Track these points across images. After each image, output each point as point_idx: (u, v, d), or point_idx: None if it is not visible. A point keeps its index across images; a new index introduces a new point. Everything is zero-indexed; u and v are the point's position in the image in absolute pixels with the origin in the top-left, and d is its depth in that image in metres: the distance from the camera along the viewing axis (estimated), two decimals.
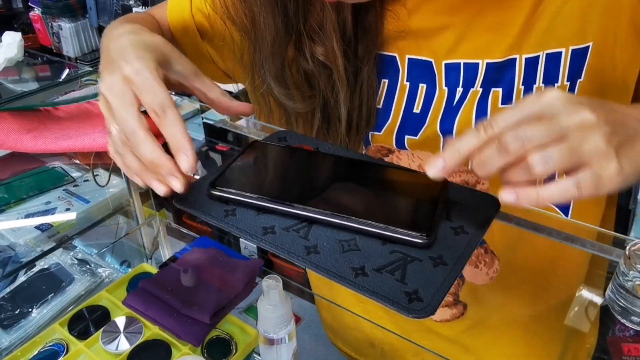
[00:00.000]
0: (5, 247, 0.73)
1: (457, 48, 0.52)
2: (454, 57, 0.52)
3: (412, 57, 0.54)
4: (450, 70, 0.53)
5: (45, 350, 0.58)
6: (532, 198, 0.34)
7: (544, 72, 0.50)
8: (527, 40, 0.49)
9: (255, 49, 0.55)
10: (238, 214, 0.42)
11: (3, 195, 0.79)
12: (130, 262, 0.82)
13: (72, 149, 0.51)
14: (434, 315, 0.66)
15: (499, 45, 0.50)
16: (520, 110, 0.35)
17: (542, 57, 0.49)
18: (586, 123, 0.33)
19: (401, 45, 0.54)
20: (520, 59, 0.50)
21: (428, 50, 0.53)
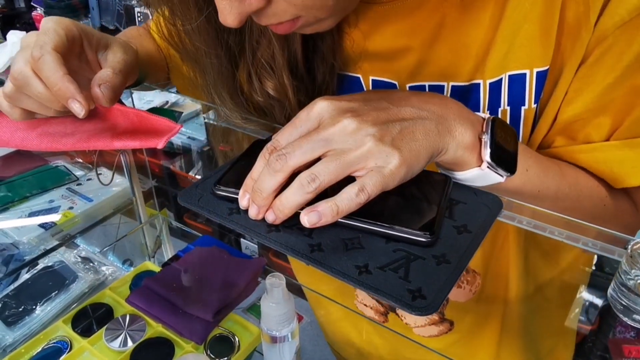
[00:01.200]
0: (8, 244, 0.73)
1: (420, 70, 0.51)
2: (418, 80, 0.51)
3: (376, 78, 0.53)
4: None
5: (49, 347, 0.58)
6: (333, 210, 0.36)
7: (508, 94, 0.48)
8: (489, 62, 0.47)
9: (204, 79, 0.55)
10: (242, 212, 0.43)
11: (7, 194, 0.79)
12: (133, 261, 0.83)
13: (78, 147, 0.51)
14: (423, 332, 0.67)
15: (462, 68, 0.49)
16: (294, 127, 0.38)
17: (504, 80, 0.48)
18: (348, 129, 0.36)
19: (364, 66, 0.53)
20: (484, 84, 0.48)
21: (391, 72, 0.52)
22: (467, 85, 0.49)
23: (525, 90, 0.48)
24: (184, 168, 2.14)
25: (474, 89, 0.49)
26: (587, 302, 1.47)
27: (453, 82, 0.50)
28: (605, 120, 0.47)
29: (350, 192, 0.36)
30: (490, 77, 0.48)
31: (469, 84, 0.49)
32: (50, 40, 0.42)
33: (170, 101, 1.52)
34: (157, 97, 1.44)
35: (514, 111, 0.49)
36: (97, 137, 0.52)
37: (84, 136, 0.52)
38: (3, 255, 0.73)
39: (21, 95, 0.43)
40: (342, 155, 0.36)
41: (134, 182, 0.79)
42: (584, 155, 0.48)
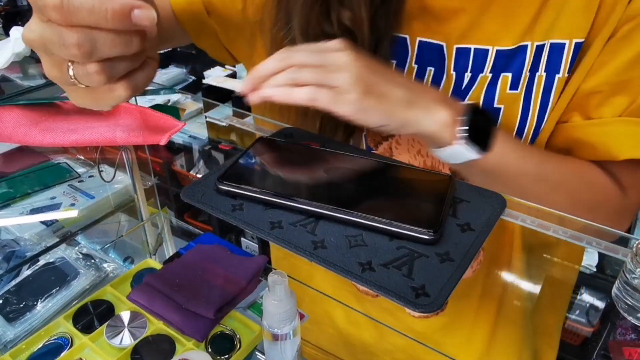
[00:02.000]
0: (10, 241, 0.73)
1: (468, 33, 0.52)
2: (465, 42, 0.53)
3: (424, 39, 0.54)
4: (461, 55, 0.53)
5: (50, 343, 0.58)
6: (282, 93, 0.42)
7: (547, 61, 0.50)
8: (537, 27, 0.50)
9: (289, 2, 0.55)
10: (245, 208, 0.43)
11: (8, 190, 0.79)
12: (134, 259, 0.83)
13: (80, 142, 0.51)
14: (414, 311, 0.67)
15: (509, 33, 0.51)
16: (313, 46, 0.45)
17: (546, 46, 0.50)
18: (342, 65, 0.42)
19: (414, 27, 0.54)
20: (531, 46, 0.51)
21: (440, 33, 0.53)
22: (513, 48, 0.51)
23: (562, 59, 0.50)
24: (185, 166, 2.14)
25: (521, 50, 0.51)
26: (588, 304, 1.47)
27: (498, 47, 0.52)
28: (621, 100, 0.49)
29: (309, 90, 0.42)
30: (538, 41, 0.50)
31: (515, 47, 0.51)
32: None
33: (172, 100, 1.53)
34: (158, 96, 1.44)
35: (549, 78, 0.51)
36: (100, 133, 0.52)
37: (86, 132, 0.52)
38: (4, 252, 0.73)
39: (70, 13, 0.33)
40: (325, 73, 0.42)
41: (135, 180, 0.79)
42: (592, 129, 0.50)
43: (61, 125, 0.53)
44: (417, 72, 0.55)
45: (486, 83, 0.53)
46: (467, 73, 0.53)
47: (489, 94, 0.53)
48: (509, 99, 0.52)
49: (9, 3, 2.67)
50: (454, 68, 0.54)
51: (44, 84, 0.65)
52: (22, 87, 0.64)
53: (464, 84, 0.54)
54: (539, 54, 0.51)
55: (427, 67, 0.55)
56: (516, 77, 0.52)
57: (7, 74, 0.74)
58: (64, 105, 0.56)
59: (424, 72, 0.55)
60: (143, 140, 0.51)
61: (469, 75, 0.53)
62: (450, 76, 0.54)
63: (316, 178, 0.46)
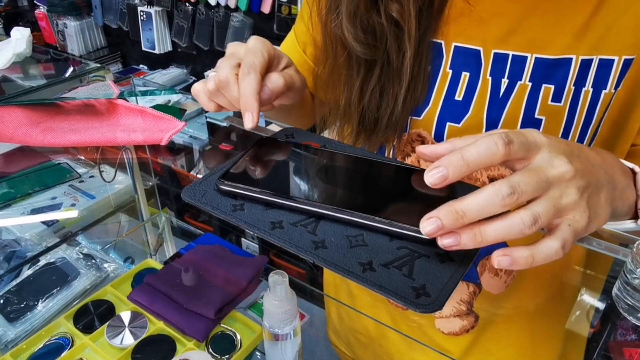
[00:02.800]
0: (11, 241, 0.73)
1: (508, 38, 0.51)
2: (503, 48, 0.52)
3: (459, 44, 0.54)
4: (498, 61, 0.52)
5: (51, 343, 0.58)
6: (528, 261, 0.34)
7: (595, 76, 0.50)
8: (584, 41, 0.49)
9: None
10: (246, 208, 0.43)
11: (9, 190, 0.79)
12: (134, 259, 0.83)
13: (81, 143, 0.51)
14: (442, 326, 0.66)
15: (552, 42, 0.50)
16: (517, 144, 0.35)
17: (595, 61, 0.49)
18: (565, 176, 0.34)
19: (450, 31, 0.54)
20: (576, 59, 0.50)
21: (478, 38, 0.53)
22: (556, 58, 0.50)
23: (610, 76, 0.49)
24: (185, 167, 2.14)
25: (564, 63, 0.50)
26: (588, 305, 1.47)
27: (538, 54, 0.50)
28: None
29: (551, 245, 0.34)
30: (584, 55, 0.49)
31: (558, 58, 0.50)
32: (258, 62, 0.47)
33: (172, 100, 1.53)
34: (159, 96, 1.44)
35: (595, 93, 0.50)
36: (101, 133, 0.52)
37: (87, 132, 0.52)
38: (5, 252, 0.73)
39: (219, 94, 0.49)
40: (557, 201, 0.35)
41: (136, 180, 0.79)
42: None
43: (62, 125, 0.53)
44: (452, 77, 0.55)
45: (526, 92, 0.52)
46: (504, 79, 0.52)
47: (530, 104, 0.52)
48: (551, 111, 0.51)
49: (10, 4, 2.67)
50: (490, 73, 0.53)
51: (45, 84, 0.65)
52: (23, 87, 0.64)
53: (501, 91, 0.53)
54: (586, 68, 0.50)
55: (462, 72, 0.54)
56: (559, 89, 0.51)
57: (8, 74, 0.74)
58: (65, 106, 0.56)
59: (458, 77, 0.54)
60: (144, 140, 0.51)
61: (506, 82, 0.52)
62: (486, 81, 0.53)
63: (317, 178, 0.46)
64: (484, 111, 0.53)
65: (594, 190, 0.36)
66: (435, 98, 0.55)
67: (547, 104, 0.51)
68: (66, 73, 0.77)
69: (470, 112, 0.54)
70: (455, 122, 0.55)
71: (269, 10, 1.88)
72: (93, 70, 0.71)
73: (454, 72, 0.54)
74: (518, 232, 0.33)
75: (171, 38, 2.25)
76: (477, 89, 0.54)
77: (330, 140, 0.53)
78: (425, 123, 0.56)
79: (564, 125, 0.51)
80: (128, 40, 2.42)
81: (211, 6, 2.02)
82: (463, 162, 0.33)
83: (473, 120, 0.54)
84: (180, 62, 2.36)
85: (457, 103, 0.54)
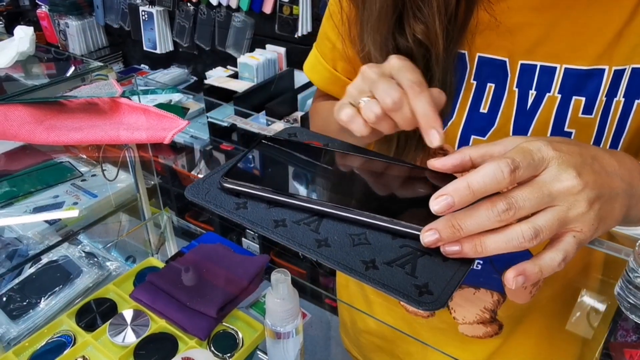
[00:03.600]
0: (13, 239, 0.74)
1: (535, 49, 0.50)
2: (530, 59, 0.51)
3: (484, 55, 0.52)
4: (525, 72, 0.51)
5: (53, 341, 0.58)
6: (537, 275, 0.34)
7: (627, 86, 0.49)
8: (618, 50, 0.48)
9: (363, 17, 0.53)
10: (249, 206, 0.43)
11: (11, 189, 0.79)
12: (135, 258, 0.83)
13: (84, 141, 0.52)
14: (465, 330, 0.66)
15: (583, 52, 0.49)
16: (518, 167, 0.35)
17: (627, 71, 0.48)
18: (573, 190, 0.34)
19: (475, 42, 0.52)
20: (609, 70, 0.48)
21: (504, 49, 0.51)
22: (587, 69, 0.49)
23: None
24: (186, 167, 2.14)
25: (596, 74, 0.49)
26: (588, 306, 1.47)
27: (568, 65, 0.49)
28: None
29: (553, 258, 0.34)
30: (617, 65, 0.48)
31: (590, 68, 0.49)
32: (422, 78, 0.44)
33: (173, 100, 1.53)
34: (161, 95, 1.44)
35: (627, 103, 0.49)
36: (104, 131, 0.52)
37: (91, 130, 0.53)
38: (7, 250, 0.74)
39: (386, 117, 0.44)
40: (562, 214, 0.35)
41: (138, 179, 0.79)
42: None
43: (66, 123, 0.53)
44: (476, 89, 0.53)
45: (555, 104, 0.51)
46: (531, 91, 0.51)
47: (559, 116, 0.51)
48: (581, 124, 0.50)
49: (11, 3, 2.67)
50: (516, 85, 0.52)
51: (48, 83, 0.65)
52: (27, 85, 0.65)
53: (528, 104, 0.52)
54: (618, 78, 0.48)
55: (487, 84, 0.53)
56: (590, 101, 0.50)
57: (11, 73, 0.74)
58: (69, 104, 0.56)
59: (483, 88, 0.53)
60: (147, 138, 0.51)
61: (533, 94, 0.51)
62: (512, 93, 0.52)
63: (320, 177, 0.47)
64: (510, 124, 0.52)
65: (607, 200, 0.36)
66: (459, 110, 0.54)
67: (578, 117, 0.50)
68: (69, 72, 0.77)
69: (496, 125, 0.53)
70: (480, 135, 0.54)
71: (271, 11, 1.89)
72: (96, 69, 0.72)
73: (479, 84, 0.53)
74: (517, 245, 0.34)
75: (172, 38, 2.26)
76: (503, 101, 0.52)
77: (332, 140, 0.53)
78: (448, 136, 0.55)
79: (595, 137, 0.50)
80: (129, 40, 2.43)
81: (213, 6, 2.03)
82: (469, 191, 0.34)
83: (499, 134, 0.53)
84: (182, 62, 2.37)
85: (482, 116, 0.53)
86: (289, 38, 1.92)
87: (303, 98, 1.88)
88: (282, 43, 1.98)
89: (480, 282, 0.63)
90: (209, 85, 1.99)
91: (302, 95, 1.89)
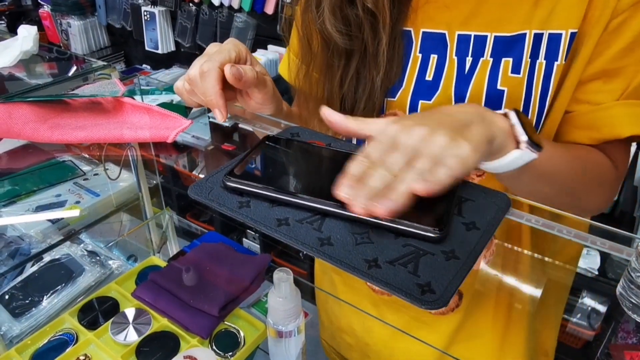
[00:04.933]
0: (15, 237, 0.74)
1: (469, 21, 0.57)
2: (465, 29, 0.57)
3: (427, 30, 0.59)
4: (462, 42, 0.57)
5: (55, 339, 0.59)
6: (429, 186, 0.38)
7: (546, 49, 0.54)
8: (536, 16, 0.54)
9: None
10: (252, 205, 0.43)
11: (14, 187, 0.80)
12: (137, 257, 0.83)
13: (88, 139, 0.52)
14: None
15: (507, 21, 0.55)
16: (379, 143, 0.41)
17: (545, 35, 0.54)
18: (425, 136, 0.39)
19: (417, 19, 0.59)
20: (529, 34, 0.54)
21: (442, 22, 0.58)
22: (512, 35, 0.55)
23: (560, 48, 0.54)
24: (187, 167, 2.15)
25: (520, 39, 0.55)
26: (589, 308, 1.47)
27: (496, 33, 0.56)
28: (617, 85, 0.54)
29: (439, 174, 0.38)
30: (536, 29, 0.54)
31: (515, 34, 0.55)
32: (220, 58, 0.52)
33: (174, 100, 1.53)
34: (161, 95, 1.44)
35: (549, 65, 0.55)
36: (108, 130, 0.52)
37: (94, 129, 0.53)
38: (9, 249, 0.74)
39: (192, 92, 0.53)
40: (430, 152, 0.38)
41: (140, 178, 0.80)
42: (597, 114, 0.55)
43: (69, 122, 0.54)
44: (422, 61, 0.60)
45: (488, 66, 0.57)
46: (468, 57, 0.57)
47: (492, 77, 0.56)
48: (512, 82, 0.56)
49: (14, 3, 2.68)
50: (455, 53, 0.58)
51: (52, 82, 0.66)
52: (30, 84, 0.65)
53: (466, 69, 0.58)
54: (538, 42, 0.54)
55: (430, 55, 0.59)
56: (517, 62, 0.55)
57: (15, 72, 0.74)
58: (72, 103, 0.56)
59: (427, 59, 0.59)
60: (150, 137, 0.52)
61: (470, 60, 0.57)
62: (453, 61, 0.58)
63: (322, 176, 0.47)
64: (451, 88, 0.58)
65: (462, 127, 0.40)
66: (408, 80, 0.61)
67: (508, 76, 0.56)
68: (72, 71, 0.77)
69: (439, 89, 0.59)
70: (426, 99, 0.60)
71: (273, 11, 1.89)
72: (99, 68, 0.72)
73: (424, 56, 0.60)
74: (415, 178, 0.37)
75: (174, 38, 2.26)
76: (445, 68, 0.59)
77: (335, 139, 0.53)
78: (399, 103, 0.61)
79: (524, 95, 0.56)
80: (131, 40, 2.43)
81: (215, 6, 2.03)
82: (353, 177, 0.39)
83: (442, 97, 0.59)
84: (183, 62, 2.37)
85: (427, 83, 0.60)
86: None
87: None
88: (283, 44, 1.98)
89: None
90: None
91: None
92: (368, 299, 0.74)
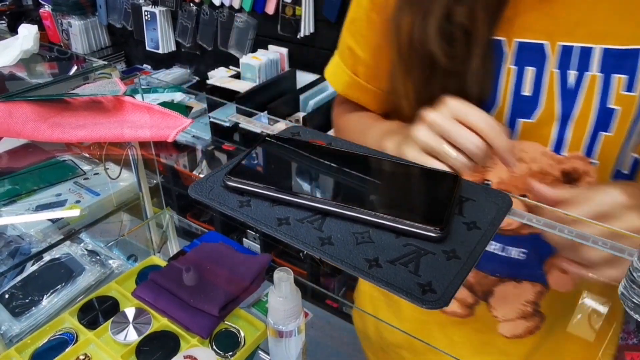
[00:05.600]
0: (16, 237, 0.74)
1: (574, 31, 0.52)
2: (569, 40, 0.52)
3: (523, 40, 0.54)
4: (564, 54, 0.53)
5: (55, 338, 0.59)
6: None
7: None
8: None
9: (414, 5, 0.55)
10: (253, 204, 0.43)
11: (14, 187, 0.79)
12: (137, 257, 0.83)
13: (88, 138, 0.52)
14: (505, 330, 0.65)
15: (621, 30, 0.50)
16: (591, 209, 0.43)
17: None
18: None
19: (514, 28, 0.54)
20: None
21: (542, 32, 0.53)
22: (624, 49, 0.50)
23: None
24: (187, 167, 2.15)
25: (633, 54, 0.50)
26: (590, 308, 1.47)
27: (605, 45, 0.51)
28: None
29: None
30: None
31: (627, 48, 0.50)
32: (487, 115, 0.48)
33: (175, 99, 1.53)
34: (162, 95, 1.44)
35: None
36: (108, 129, 0.52)
37: (94, 128, 0.53)
38: (9, 248, 0.74)
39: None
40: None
41: (141, 178, 0.80)
42: None
43: (70, 121, 0.53)
44: (516, 74, 0.55)
45: (596, 82, 0.52)
46: (570, 71, 0.53)
47: (602, 94, 0.52)
48: (625, 101, 0.52)
49: (14, 2, 2.68)
50: (557, 66, 0.53)
51: (52, 81, 0.66)
52: (31, 83, 0.65)
53: (570, 83, 0.53)
54: None
55: (526, 68, 0.54)
56: (631, 78, 0.51)
57: (15, 71, 0.74)
58: (73, 102, 0.56)
59: (522, 72, 0.55)
60: (151, 136, 0.51)
61: (574, 74, 0.53)
62: (553, 74, 0.54)
63: (323, 175, 0.47)
64: (554, 104, 0.54)
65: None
66: (502, 95, 0.56)
67: (620, 94, 0.52)
68: (72, 70, 0.77)
69: (541, 106, 0.55)
70: (526, 118, 0.55)
71: (273, 11, 1.89)
72: (100, 67, 0.72)
73: (518, 69, 0.55)
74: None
75: (175, 38, 2.26)
76: (544, 82, 0.54)
77: (335, 139, 0.53)
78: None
79: (637, 114, 0.52)
80: (132, 40, 2.43)
81: (215, 6, 2.03)
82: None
83: (545, 115, 0.54)
84: (184, 62, 2.37)
85: (526, 98, 0.55)
86: (292, 39, 1.92)
87: (305, 99, 1.88)
88: (284, 44, 1.98)
89: (522, 274, 0.62)
90: (211, 85, 1.99)
91: (304, 96, 1.89)
92: (434, 317, 0.70)
